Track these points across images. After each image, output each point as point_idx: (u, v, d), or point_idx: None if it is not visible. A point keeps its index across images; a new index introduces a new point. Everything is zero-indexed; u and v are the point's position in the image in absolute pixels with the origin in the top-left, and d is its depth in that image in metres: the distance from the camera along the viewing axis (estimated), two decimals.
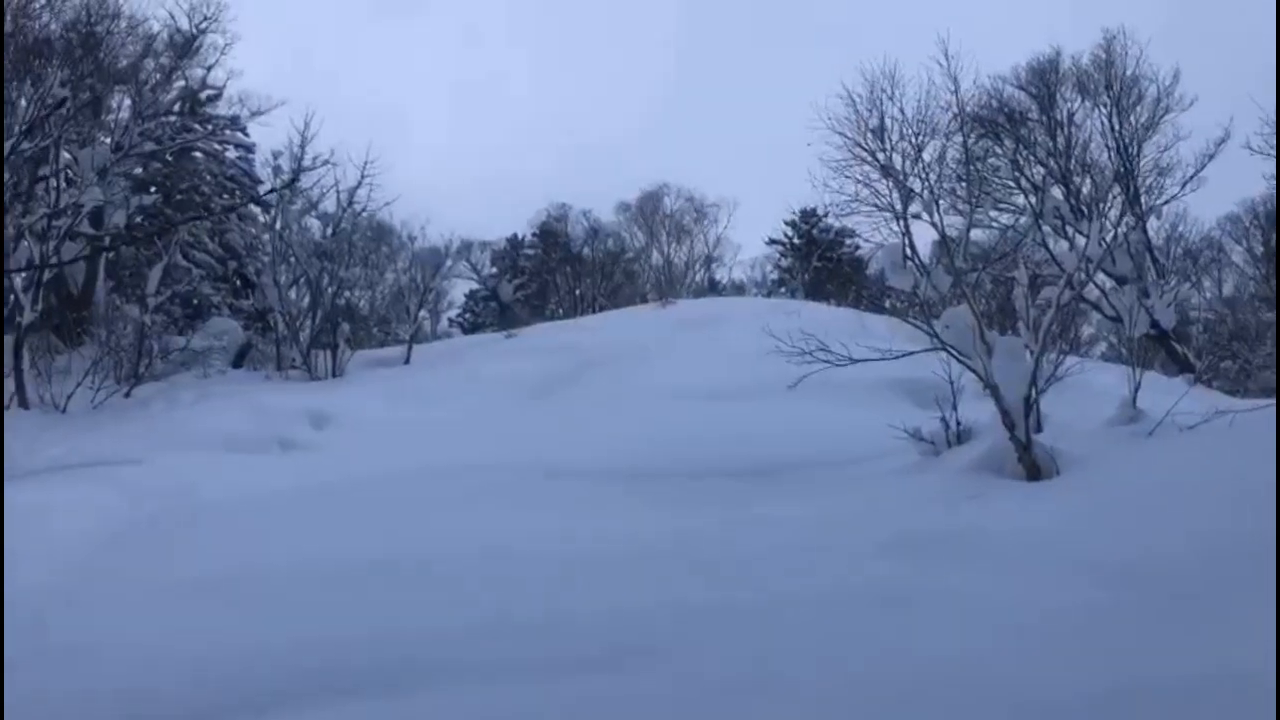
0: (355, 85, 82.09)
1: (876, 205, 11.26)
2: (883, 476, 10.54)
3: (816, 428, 12.66)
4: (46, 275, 21.74)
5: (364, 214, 27.57)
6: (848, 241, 42.75)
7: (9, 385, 19.58)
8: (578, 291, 44.93)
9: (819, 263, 44.91)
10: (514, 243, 49.44)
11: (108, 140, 25.12)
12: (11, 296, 20.42)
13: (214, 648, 5.64)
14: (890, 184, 11.10)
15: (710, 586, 6.44)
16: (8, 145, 18.29)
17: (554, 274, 46.35)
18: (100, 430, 16.69)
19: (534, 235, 49.15)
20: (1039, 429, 10.27)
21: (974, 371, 10.20)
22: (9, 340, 20.20)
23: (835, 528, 8.03)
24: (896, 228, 11.06)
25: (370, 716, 4.67)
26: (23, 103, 19.69)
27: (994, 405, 9.99)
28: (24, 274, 20.34)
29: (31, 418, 18.80)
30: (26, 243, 20.63)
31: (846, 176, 11.53)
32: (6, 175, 18.70)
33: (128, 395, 20.91)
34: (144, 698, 4.92)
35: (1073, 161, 18.88)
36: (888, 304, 20.52)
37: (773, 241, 49.60)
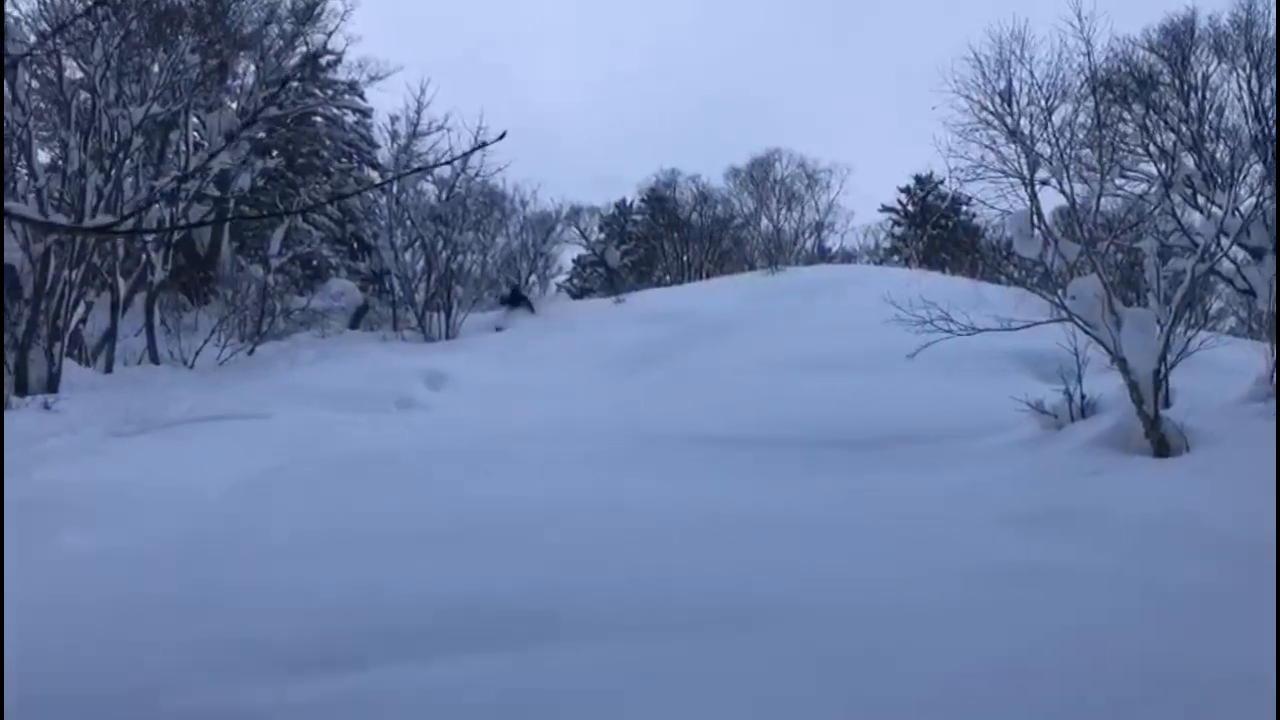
0: (468, 51, 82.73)
1: (1002, 171, 10.96)
2: (1004, 450, 10.33)
3: (933, 399, 12.45)
4: (175, 236, 22.58)
5: (477, 179, 27.96)
6: (964, 209, 41.79)
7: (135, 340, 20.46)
8: (685, 258, 44.78)
9: (933, 231, 43.97)
10: (622, 208, 49.49)
11: (233, 105, 25.92)
12: (143, 256, 21.26)
13: (338, 597, 5.81)
14: (1017, 149, 10.80)
15: (828, 556, 6.41)
16: (140, 111, 18.97)
17: (661, 240, 46.26)
18: (226, 386, 17.32)
19: (642, 201, 49.08)
20: (1168, 404, 9.95)
21: (1101, 343, 9.91)
22: (141, 297, 21.09)
23: (955, 501, 7.91)
24: (1022, 194, 10.77)
25: (488, 669, 4.76)
26: (155, 68, 20.40)
27: (1121, 378, 9.70)
28: (154, 235, 21.16)
29: (162, 373, 19.62)
30: (158, 205, 21.43)
31: (971, 141, 11.24)
32: (139, 139, 19.41)
33: (251, 353, 21.66)
34: (264, 645, 5.08)
35: (1206, 127, 18.04)
36: (1003, 277, 20.05)
37: (886, 209, 48.74)
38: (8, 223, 17.16)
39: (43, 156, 20.54)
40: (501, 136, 2.59)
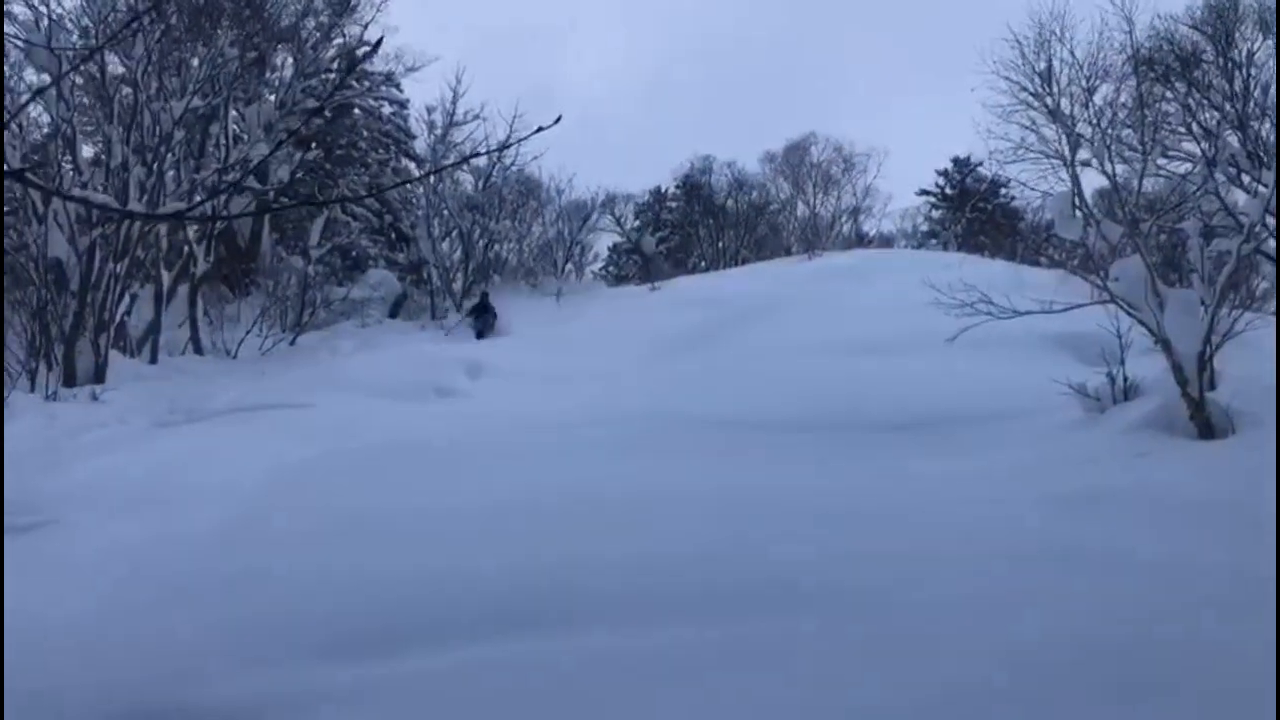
0: (502, 39, 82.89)
1: (1043, 152, 10.87)
2: (1045, 432, 10.24)
3: (973, 382, 12.34)
4: (217, 228, 22.86)
5: (513, 168, 28.07)
6: (1003, 191, 41.38)
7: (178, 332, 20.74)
8: (720, 244, 44.67)
9: (972, 214, 43.57)
10: (657, 195, 49.44)
11: (272, 98, 26.15)
12: (186, 248, 21.54)
13: (377, 583, 5.88)
14: (1058, 129, 10.70)
15: (871, 540, 6.38)
16: (180, 105, 19.20)
17: (696, 226, 46.19)
18: (269, 376, 17.52)
19: (677, 188, 48.99)
20: (1213, 386, 9.82)
21: (1144, 325, 9.80)
22: (184, 289, 21.37)
23: (998, 483, 7.87)
24: (1063, 175, 10.67)
25: (529, 652, 4.79)
26: (195, 62, 20.63)
27: (1165, 360, 9.59)
28: (196, 226, 21.43)
29: (206, 363, 19.89)
30: (199, 197, 21.71)
31: (1011, 122, 11.15)
32: (180, 132, 19.67)
33: (293, 343, 21.89)
34: (305, 630, 5.14)
35: (1251, 105, 17.72)
36: (1043, 259, 19.80)
37: (924, 192, 48.37)
38: (54, 217, 17.45)
39: (86, 151, 20.85)
40: (557, 120, 2.60)
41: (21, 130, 17.83)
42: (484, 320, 23.74)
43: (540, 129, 2.63)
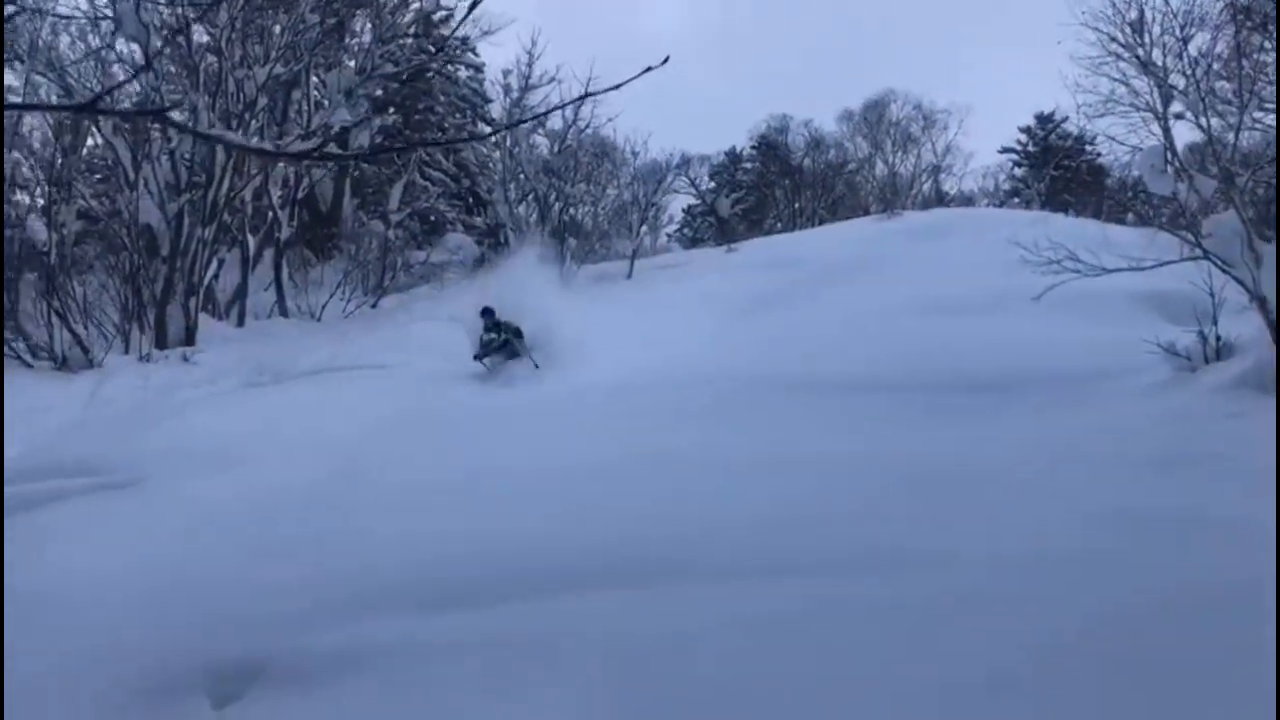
0: (575, 1, 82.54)
1: (1133, 105, 10.52)
2: (1133, 393, 10.00)
3: (1059, 342, 12.07)
4: (300, 193, 23.25)
5: (588, 130, 28.02)
6: (1088, 148, 40.23)
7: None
8: (797, 205, 44.20)
9: (1056, 171, 42.46)
10: (733, 156, 49.00)
11: (351, 63, 26.41)
12: (270, 213, 21.96)
13: (458, 540, 5.98)
14: (1149, 82, 10.35)
15: (959, 502, 6.32)
16: (263, 72, 19.50)
17: (772, 187, 45.74)
18: (352, 338, 17.83)
19: (753, 148, 48.49)
20: None
21: (1240, 283, 9.50)
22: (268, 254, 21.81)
23: (1086, 445, 7.71)
24: (1155, 129, 10.33)
25: (617, 606, 4.85)
26: (276, 29, 20.90)
27: (1259, 319, 9.29)
28: (280, 192, 21.83)
29: (291, 325, 20.32)
30: (282, 164, 22.07)
31: (1100, 75, 10.80)
32: (264, 99, 19.99)
33: (374, 306, 22.25)
34: (390, 586, 5.25)
35: None
36: (1131, 215, 19.24)
37: (1006, 150, 47.21)
38: (144, 184, 17.92)
39: (174, 118, 21.27)
40: (664, 61, 2.57)
41: (112, 99, 18.25)
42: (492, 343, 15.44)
43: (649, 69, 2.61)
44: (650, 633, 4.32)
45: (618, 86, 2.59)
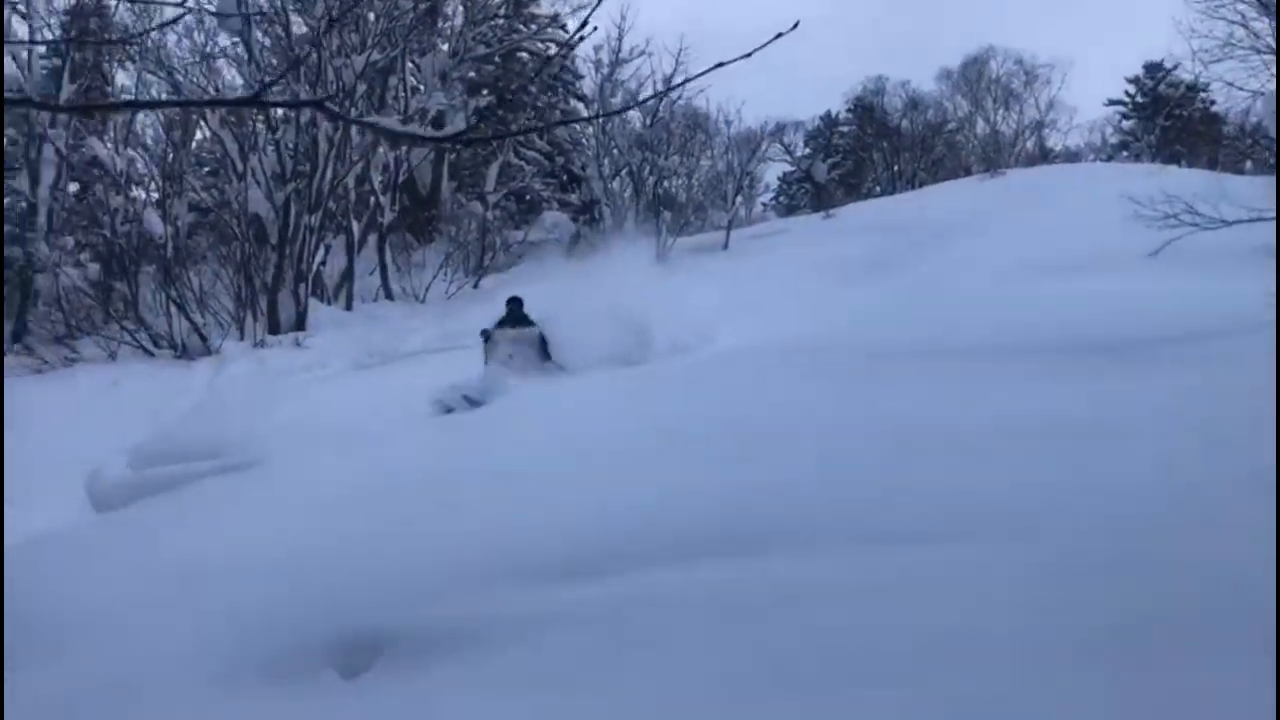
0: None
1: (1254, 48, 10.03)
2: (1256, 351, 9.57)
3: (1179, 298, 11.59)
4: (400, 178, 23.66)
5: (680, 101, 27.89)
6: (1202, 96, 38.58)
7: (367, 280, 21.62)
8: (895, 168, 43.41)
9: (1166, 122, 40.84)
10: (828, 121, 48.24)
11: (445, 47, 26.73)
12: (372, 199, 22.40)
13: (575, 510, 5.99)
14: (1271, 23, 9.86)
15: (1091, 462, 6.11)
16: (360, 59, 19.84)
17: (870, 151, 44.99)
18: (455, 317, 18.10)
19: (848, 111, 47.71)
20: None
21: None
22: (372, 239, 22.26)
23: (1218, 403, 7.40)
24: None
25: (714, 577, 4.81)
26: (371, 17, 21.26)
27: None
28: (381, 177, 22.24)
29: (397, 308, 20.74)
30: (381, 149, 22.48)
31: (1217, 18, 10.33)
32: (362, 86, 20.35)
33: (476, 285, 22.55)
34: (512, 558, 5.28)
35: None
36: (1250, 163, 18.40)
37: (1113, 102, 45.56)
38: (251, 175, 18.43)
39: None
40: (794, 26, 2.52)
41: (218, 91, 18.80)
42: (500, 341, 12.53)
43: (779, 35, 2.55)
44: (773, 597, 4.29)
45: (748, 55, 2.53)
